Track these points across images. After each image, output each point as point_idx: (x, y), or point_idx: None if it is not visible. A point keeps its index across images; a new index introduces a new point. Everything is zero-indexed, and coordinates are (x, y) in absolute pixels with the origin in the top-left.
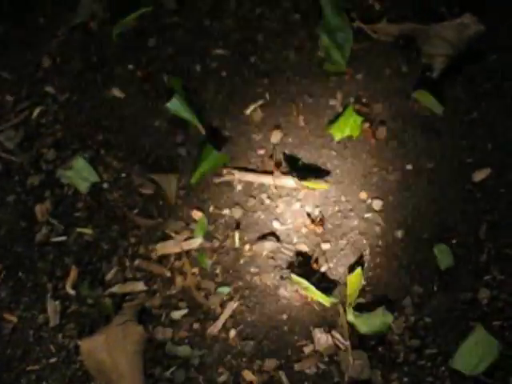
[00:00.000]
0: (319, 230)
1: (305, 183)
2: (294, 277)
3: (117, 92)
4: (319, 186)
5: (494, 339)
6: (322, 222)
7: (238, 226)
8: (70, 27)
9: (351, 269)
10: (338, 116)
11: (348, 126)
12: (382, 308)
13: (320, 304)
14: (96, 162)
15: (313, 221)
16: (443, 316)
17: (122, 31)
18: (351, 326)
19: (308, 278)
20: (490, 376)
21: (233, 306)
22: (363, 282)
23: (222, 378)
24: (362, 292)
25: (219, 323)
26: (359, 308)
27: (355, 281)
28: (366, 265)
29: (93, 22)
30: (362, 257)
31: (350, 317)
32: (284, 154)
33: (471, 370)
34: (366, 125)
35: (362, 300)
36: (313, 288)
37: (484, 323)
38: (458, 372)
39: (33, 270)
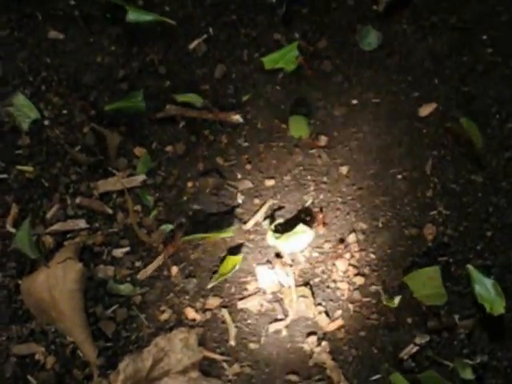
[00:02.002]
0: (263, 165)
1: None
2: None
3: (57, 30)
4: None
5: None
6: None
7: (181, 162)
8: None
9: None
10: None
11: (283, 59)
12: (300, 225)
13: (264, 241)
14: (37, 99)
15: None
16: (388, 252)
17: None
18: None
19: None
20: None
21: (176, 243)
22: (308, 219)
23: (164, 316)
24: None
25: (160, 261)
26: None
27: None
28: (310, 201)
29: None
30: (306, 193)
31: (271, 240)
32: (227, 89)
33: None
34: (304, 61)
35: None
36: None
37: (429, 259)
38: (404, 308)
39: None
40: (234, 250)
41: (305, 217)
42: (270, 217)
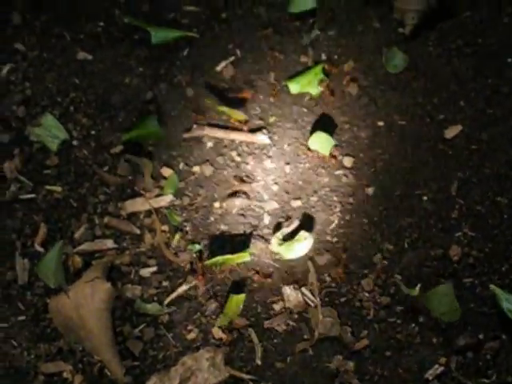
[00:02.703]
0: (289, 186)
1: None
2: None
3: (86, 51)
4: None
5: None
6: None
7: (207, 182)
8: None
9: None
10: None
11: (308, 83)
12: (302, 232)
13: (290, 261)
14: (65, 120)
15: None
16: (413, 273)
17: None
18: (276, 254)
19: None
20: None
21: (203, 263)
22: (334, 239)
23: (191, 336)
24: (332, 248)
25: (189, 281)
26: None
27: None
28: (336, 222)
29: None
30: (332, 214)
31: (275, 246)
32: (254, 110)
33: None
34: (330, 84)
35: (332, 257)
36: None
37: (455, 280)
38: (428, 328)
39: (1, 227)
40: (262, 269)
41: (331, 239)
42: (277, 226)
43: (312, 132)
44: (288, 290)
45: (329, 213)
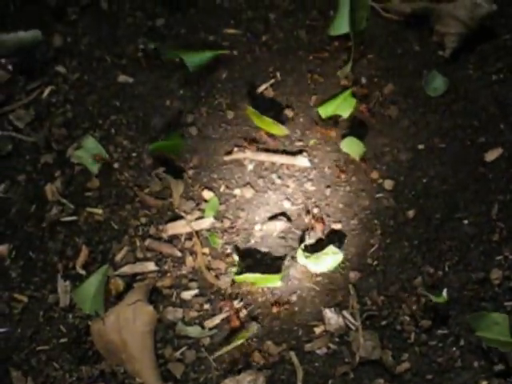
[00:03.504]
0: (330, 209)
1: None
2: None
3: (126, 74)
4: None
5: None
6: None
7: (248, 205)
8: (82, 6)
9: None
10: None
11: (339, 107)
12: (330, 246)
13: (331, 284)
14: (106, 142)
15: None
16: (455, 296)
17: (132, 13)
18: (303, 267)
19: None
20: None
21: (244, 286)
22: (375, 262)
23: (233, 358)
24: (373, 271)
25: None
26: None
27: None
28: (377, 245)
29: (103, 1)
30: (373, 237)
31: (301, 259)
32: (294, 133)
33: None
34: (364, 106)
35: (372, 280)
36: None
37: (496, 303)
38: (469, 351)
39: (43, 249)
40: (302, 292)
41: (372, 262)
42: (300, 238)
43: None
44: (329, 313)
45: (369, 236)
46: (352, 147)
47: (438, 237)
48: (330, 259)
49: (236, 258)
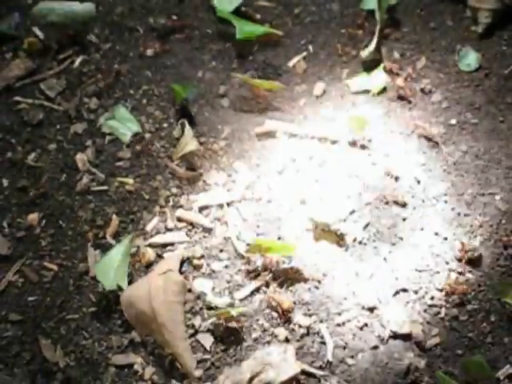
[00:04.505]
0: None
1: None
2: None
3: (159, 44)
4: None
5: None
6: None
7: (280, 177)
8: None
9: None
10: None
11: (369, 82)
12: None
13: (363, 255)
14: (138, 112)
15: None
16: (486, 271)
17: None
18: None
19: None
20: None
21: (275, 258)
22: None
23: (263, 330)
24: (405, 244)
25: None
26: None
27: None
28: (408, 219)
29: None
30: (404, 212)
31: None
32: (326, 106)
33: None
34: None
35: (403, 254)
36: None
37: None
38: (500, 327)
39: (73, 218)
40: (333, 264)
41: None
42: None
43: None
44: (360, 287)
45: (400, 210)
46: (355, 125)
47: (469, 212)
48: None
49: None
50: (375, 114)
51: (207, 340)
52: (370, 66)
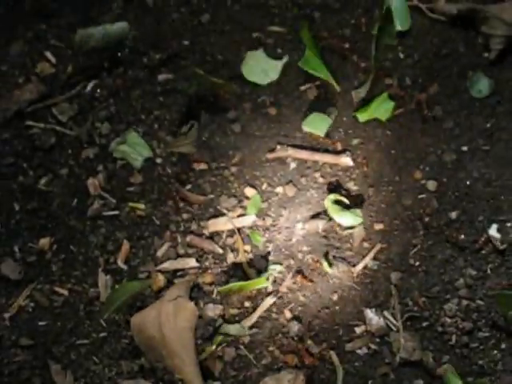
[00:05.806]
0: (372, 209)
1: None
2: None
3: (171, 69)
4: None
5: None
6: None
7: (290, 203)
8: (126, 0)
9: None
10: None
11: (376, 110)
12: (358, 209)
13: (372, 284)
14: (149, 137)
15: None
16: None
17: (177, 8)
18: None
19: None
20: None
21: (285, 284)
22: (417, 263)
23: (273, 357)
24: (415, 272)
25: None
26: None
27: None
28: (419, 246)
29: None
30: (415, 237)
31: (327, 203)
32: (339, 132)
33: None
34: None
35: (414, 281)
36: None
37: None
38: (510, 354)
39: (84, 243)
40: (343, 292)
41: (414, 262)
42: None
43: (395, 155)
44: (370, 314)
45: (411, 236)
46: (315, 124)
47: (481, 239)
48: (352, 217)
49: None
50: (388, 139)
51: (217, 366)
52: (376, 95)
